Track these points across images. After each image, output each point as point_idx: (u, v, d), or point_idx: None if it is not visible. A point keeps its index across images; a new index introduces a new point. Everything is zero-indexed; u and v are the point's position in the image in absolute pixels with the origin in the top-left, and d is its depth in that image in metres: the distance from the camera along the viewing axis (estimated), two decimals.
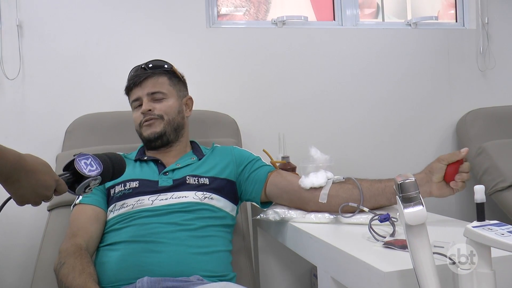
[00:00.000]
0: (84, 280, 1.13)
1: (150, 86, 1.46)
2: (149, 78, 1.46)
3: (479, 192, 0.78)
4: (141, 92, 1.46)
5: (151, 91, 1.45)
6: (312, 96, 2.14)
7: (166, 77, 1.49)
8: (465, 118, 2.23)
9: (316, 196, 1.29)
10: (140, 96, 1.46)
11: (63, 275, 1.15)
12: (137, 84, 1.46)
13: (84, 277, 1.13)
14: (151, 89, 1.45)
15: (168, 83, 1.49)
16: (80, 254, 1.20)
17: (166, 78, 1.49)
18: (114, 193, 1.37)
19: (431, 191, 1.18)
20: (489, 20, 2.34)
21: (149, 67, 1.48)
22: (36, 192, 0.88)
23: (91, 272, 1.17)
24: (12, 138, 1.83)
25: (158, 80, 1.47)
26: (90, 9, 1.93)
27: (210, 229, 1.30)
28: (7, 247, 1.83)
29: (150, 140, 1.44)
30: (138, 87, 1.46)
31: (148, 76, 1.46)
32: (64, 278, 1.15)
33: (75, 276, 1.14)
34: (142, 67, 1.49)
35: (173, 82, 1.50)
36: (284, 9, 2.25)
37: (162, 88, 1.47)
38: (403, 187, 0.79)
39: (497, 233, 0.70)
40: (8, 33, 1.84)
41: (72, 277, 1.14)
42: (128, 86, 1.50)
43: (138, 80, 1.46)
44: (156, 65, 1.49)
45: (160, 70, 1.49)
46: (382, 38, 2.25)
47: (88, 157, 0.98)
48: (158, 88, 1.46)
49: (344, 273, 1.00)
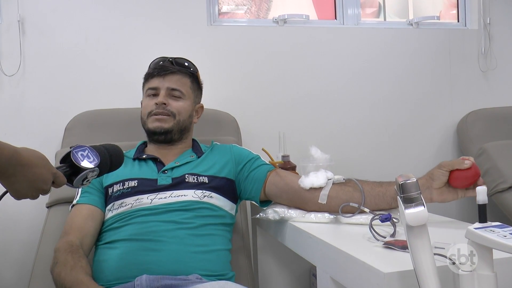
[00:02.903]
0: (76, 274, 1.11)
1: (173, 81, 1.46)
2: (175, 74, 1.47)
3: (481, 193, 0.77)
4: (162, 84, 1.45)
5: (172, 87, 1.45)
6: (313, 95, 2.14)
7: (190, 79, 1.50)
8: (466, 119, 2.23)
9: (316, 196, 1.28)
10: (159, 87, 1.45)
11: (57, 274, 1.15)
12: (161, 74, 1.46)
13: (76, 271, 1.12)
14: (173, 84, 1.45)
15: (189, 85, 1.49)
16: (71, 250, 1.19)
17: (189, 80, 1.50)
18: (113, 192, 1.36)
19: (432, 197, 1.18)
20: (491, 20, 2.33)
21: (176, 63, 1.49)
22: (33, 186, 0.87)
23: (83, 265, 1.15)
24: (11, 135, 1.82)
25: (182, 79, 1.48)
26: (91, 6, 1.92)
27: (209, 228, 1.30)
28: (6, 243, 1.83)
29: (154, 132, 1.44)
30: (161, 78, 1.46)
31: (174, 72, 1.47)
32: (57, 277, 1.14)
33: (66, 272, 1.13)
34: (169, 60, 1.49)
35: (193, 86, 1.51)
36: (286, 8, 2.24)
37: (182, 88, 1.47)
38: (404, 187, 0.78)
39: (499, 235, 0.70)
40: (8, 29, 1.84)
41: (64, 273, 1.13)
42: (150, 73, 1.49)
43: (162, 72, 1.46)
44: (183, 64, 1.50)
45: (186, 70, 1.50)
46: (384, 38, 2.24)
47: (84, 149, 0.97)
48: (179, 86, 1.46)
49: (343, 273, 0.99)
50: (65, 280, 1.11)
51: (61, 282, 1.12)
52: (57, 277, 1.14)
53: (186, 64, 1.51)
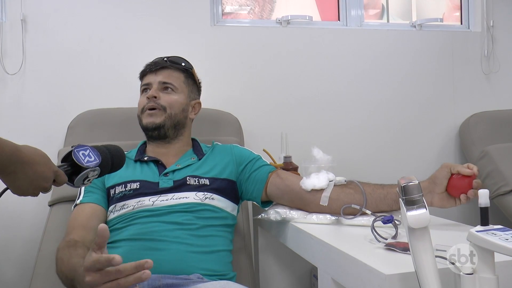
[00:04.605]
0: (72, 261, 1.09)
1: (164, 76, 1.47)
2: (166, 69, 1.48)
3: (483, 196, 0.77)
4: (154, 79, 1.47)
5: (163, 81, 1.47)
6: (315, 96, 2.14)
7: (183, 74, 1.51)
8: (468, 121, 2.22)
9: (317, 198, 1.28)
10: (151, 82, 1.47)
11: (59, 271, 1.14)
12: (152, 70, 1.48)
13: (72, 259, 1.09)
14: (163, 78, 1.47)
15: (182, 80, 1.50)
16: (68, 245, 1.18)
17: (183, 75, 1.51)
18: (114, 193, 1.36)
19: (432, 202, 1.18)
20: (494, 23, 2.33)
21: (169, 60, 1.51)
22: (34, 184, 0.88)
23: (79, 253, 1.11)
24: (13, 133, 1.82)
25: (173, 73, 1.49)
26: (94, 5, 1.93)
27: (211, 229, 1.30)
28: (8, 241, 1.83)
29: (147, 129, 1.45)
30: (153, 74, 1.48)
31: (166, 66, 1.49)
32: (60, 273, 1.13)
33: (64, 264, 1.11)
34: (164, 58, 1.51)
35: (187, 81, 1.52)
36: (289, 9, 2.24)
37: (174, 82, 1.48)
38: (407, 189, 0.78)
39: (501, 238, 0.70)
40: (11, 28, 1.84)
41: (64, 267, 1.11)
42: (143, 70, 1.52)
43: (154, 68, 1.48)
44: (176, 60, 1.52)
45: (178, 66, 1.51)
46: (387, 39, 2.24)
47: (86, 148, 0.98)
48: (171, 80, 1.47)
49: (344, 274, 0.99)
50: (65, 272, 1.10)
51: (64, 277, 1.11)
52: (60, 274, 1.14)
53: (179, 60, 1.52)
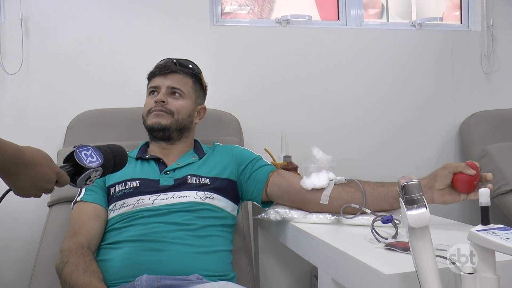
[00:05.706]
0: (88, 278, 1.13)
1: (173, 80, 1.47)
2: (176, 74, 1.48)
3: (484, 195, 0.77)
4: (163, 83, 1.47)
5: (172, 86, 1.47)
6: (315, 96, 2.13)
7: (192, 79, 1.51)
8: (469, 121, 2.22)
9: (318, 197, 1.28)
10: (160, 86, 1.47)
11: (67, 274, 1.15)
12: (162, 73, 1.48)
13: (88, 275, 1.14)
14: (173, 83, 1.47)
15: (190, 85, 1.50)
16: (82, 252, 1.20)
17: (191, 81, 1.51)
18: (115, 192, 1.36)
19: (433, 198, 1.17)
20: (494, 22, 2.32)
21: (179, 63, 1.51)
22: (36, 185, 0.87)
23: (95, 269, 1.17)
24: (13, 133, 1.82)
25: (183, 79, 1.49)
26: (94, 5, 1.92)
27: (211, 229, 1.30)
28: (7, 241, 1.83)
29: (152, 129, 1.45)
30: (162, 77, 1.48)
31: (176, 71, 1.48)
32: (68, 277, 1.15)
33: (79, 274, 1.14)
34: (173, 60, 1.51)
35: (195, 87, 1.52)
36: (288, 8, 2.24)
37: (183, 87, 1.48)
38: (407, 189, 0.78)
39: (502, 237, 0.69)
40: (11, 28, 1.84)
41: (76, 276, 1.14)
42: (153, 72, 1.52)
43: (164, 71, 1.48)
44: (186, 64, 1.52)
45: (188, 70, 1.51)
46: (386, 39, 2.24)
47: (88, 149, 0.97)
48: (180, 85, 1.48)
49: (344, 274, 0.99)
50: (77, 283, 1.12)
51: (72, 284, 1.13)
52: (68, 277, 1.15)
53: (189, 65, 1.52)
